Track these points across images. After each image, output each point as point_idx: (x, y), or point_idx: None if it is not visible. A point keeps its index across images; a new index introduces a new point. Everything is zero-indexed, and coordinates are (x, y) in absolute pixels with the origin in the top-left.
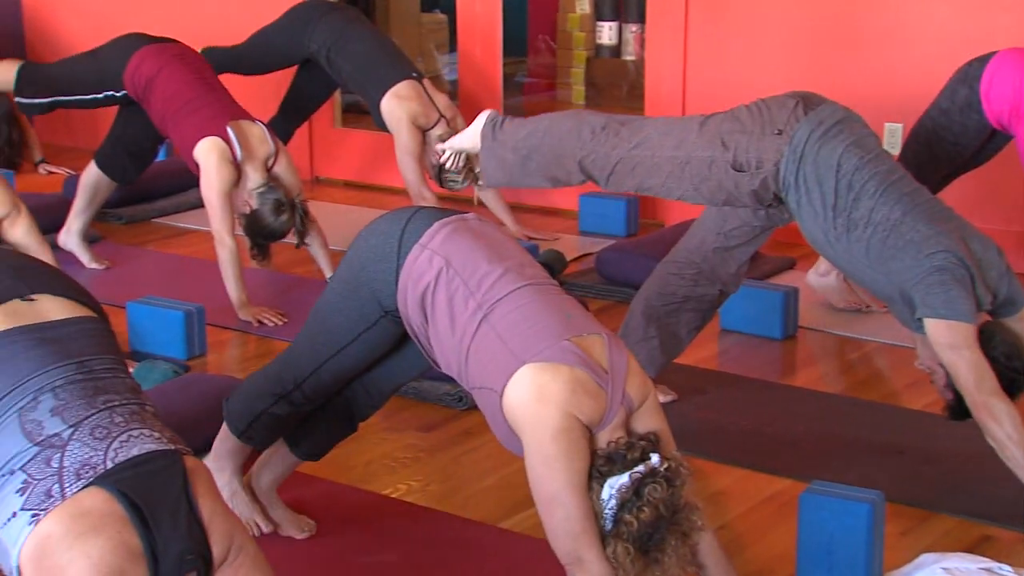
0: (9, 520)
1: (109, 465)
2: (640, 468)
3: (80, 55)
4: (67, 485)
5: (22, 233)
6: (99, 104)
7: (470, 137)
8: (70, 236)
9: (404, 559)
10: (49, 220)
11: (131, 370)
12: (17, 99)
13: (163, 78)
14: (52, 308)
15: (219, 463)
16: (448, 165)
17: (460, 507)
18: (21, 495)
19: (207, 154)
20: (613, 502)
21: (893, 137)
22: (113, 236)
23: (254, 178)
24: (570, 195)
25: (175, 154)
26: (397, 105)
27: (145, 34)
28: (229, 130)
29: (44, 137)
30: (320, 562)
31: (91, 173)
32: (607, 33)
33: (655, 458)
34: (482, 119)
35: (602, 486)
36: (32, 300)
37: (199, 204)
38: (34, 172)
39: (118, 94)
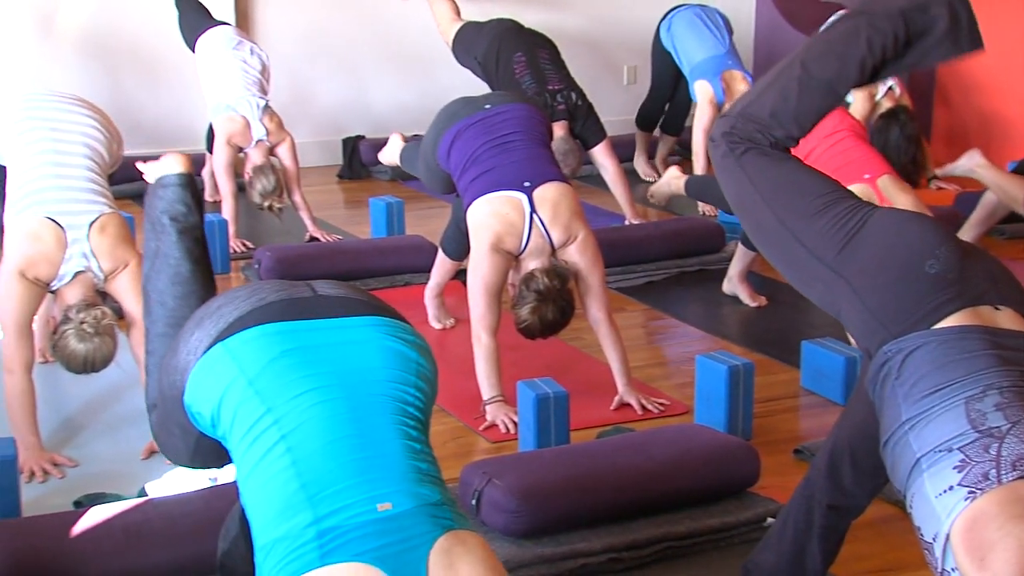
0: (945, 492)
1: None
2: None
3: None
4: (1003, 472)
5: None
6: None
7: None
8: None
9: None
10: None
11: None
12: None
13: None
14: (1008, 321)
15: None
16: None
17: None
18: (958, 472)
19: None
20: None
21: None
22: (994, 249)
23: None
24: None
25: None
26: None
27: None
28: None
29: (937, 156)
30: None
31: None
32: None
33: None
34: None
35: None
36: (999, 310)
37: None
38: (926, 188)
39: None
